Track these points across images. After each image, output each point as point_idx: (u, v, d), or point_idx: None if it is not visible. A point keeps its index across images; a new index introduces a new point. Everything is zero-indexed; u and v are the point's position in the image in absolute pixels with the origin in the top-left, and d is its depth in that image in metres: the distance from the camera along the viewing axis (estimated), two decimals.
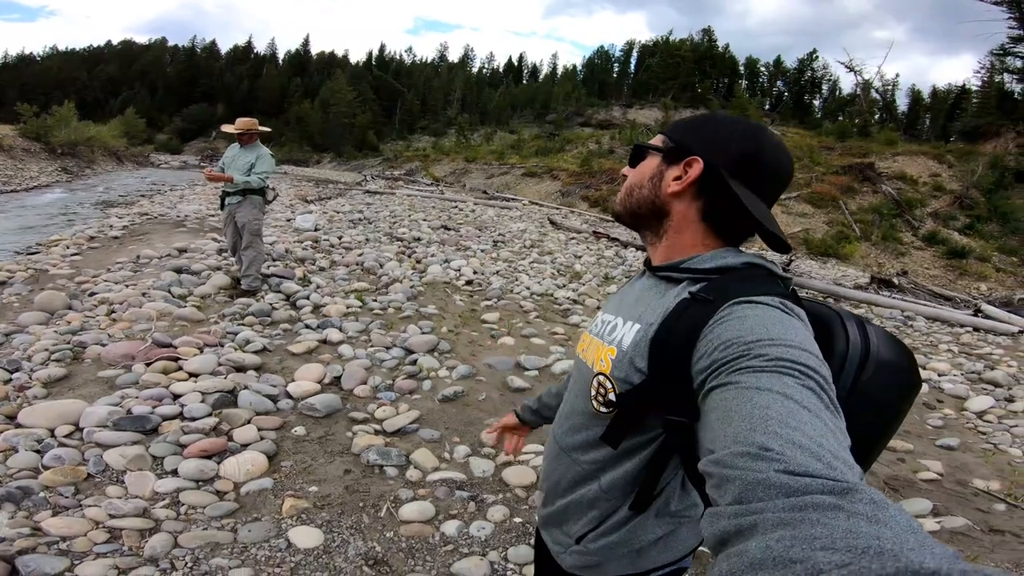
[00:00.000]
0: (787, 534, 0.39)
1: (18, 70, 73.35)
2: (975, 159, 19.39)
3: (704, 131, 0.82)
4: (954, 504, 2.96)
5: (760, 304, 0.66)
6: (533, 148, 31.78)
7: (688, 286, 0.76)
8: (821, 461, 0.46)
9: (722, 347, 0.62)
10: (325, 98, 57.35)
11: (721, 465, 0.50)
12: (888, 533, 0.37)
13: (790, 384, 0.55)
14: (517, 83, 75.82)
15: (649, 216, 0.85)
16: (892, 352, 0.74)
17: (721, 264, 0.76)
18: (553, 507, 0.92)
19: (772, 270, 0.76)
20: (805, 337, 0.63)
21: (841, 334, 0.74)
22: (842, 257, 14.31)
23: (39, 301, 4.39)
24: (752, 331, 0.62)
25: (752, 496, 0.45)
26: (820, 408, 0.53)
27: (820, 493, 0.42)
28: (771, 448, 0.48)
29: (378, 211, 12.49)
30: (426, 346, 4.30)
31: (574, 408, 0.88)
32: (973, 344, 6.60)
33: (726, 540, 0.44)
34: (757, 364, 0.58)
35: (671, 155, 0.82)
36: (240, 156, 5.28)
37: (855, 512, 0.39)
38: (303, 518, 2.34)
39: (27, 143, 20.71)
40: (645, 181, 0.84)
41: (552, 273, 7.71)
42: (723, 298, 0.69)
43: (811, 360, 0.58)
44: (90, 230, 8.15)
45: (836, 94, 54.36)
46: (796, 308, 0.68)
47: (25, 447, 2.53)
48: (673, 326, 0.71)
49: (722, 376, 0.59)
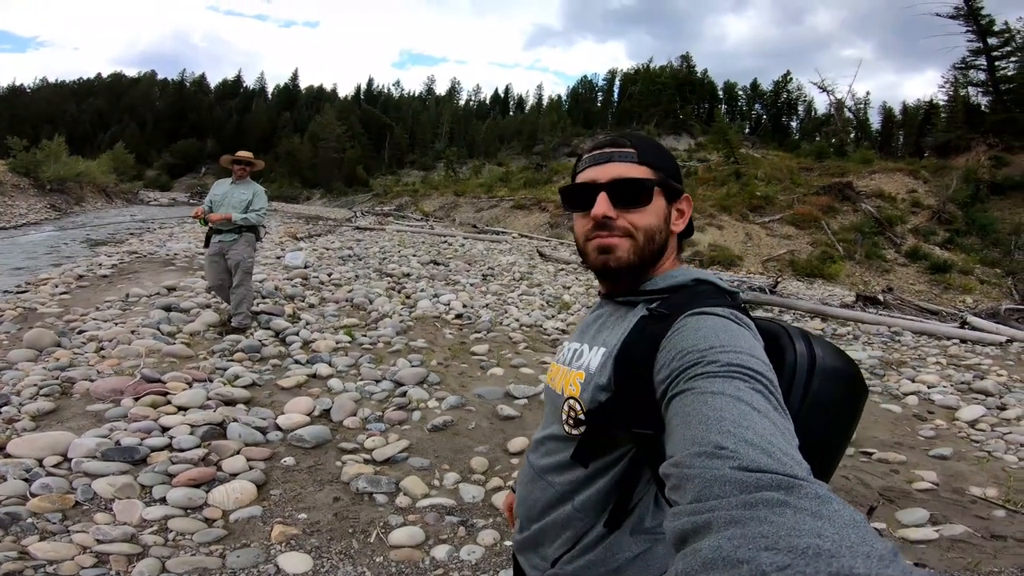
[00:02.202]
0: (737, 532, 0.41)
1: (8, 102, 73.05)
2: (949, 173, 19.93)
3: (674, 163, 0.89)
4: (952, 512, 2.97)
5: (712, 315, 0.72)
6: (521, 180, 32.21)
7: (646, 305, 0.82)
8: (772, 457, 0.49)
9: (679, 356, 0.67)
10: (314, 132, 58.08)
11: (680, 466, 0.53)
12: (830, 529, 0.39)
13: (741, 388, 0.58)
14: (504, 115, 77.42)
15: (654, 259, 0.86)
16: (837, 360, 0.80)
17: (672, 283, 0.83)
18: (529, 531, 0.91)
19: (719, 285, 0.83)
20: (754, 345, 0.68)
21: (789, 346, 0.79)
22: (827, 277, 14.55)
23: (28, 339, 4.39)
24: (706, 339, 0.66)
25: (709, 493, 0.47)
26: (769, 409, 0.57)
27: (770, 488, 0.45)
28: (726, 447, 0.51)
29: (368, 247, 12.59)
30: (416, 378, 4.32)
31: (548, 434, 0.92)
32: (961, 356, 6.68)
33: (685, 538, 0.46)
34: (711, 370, 0.61)
35: (671, 191, 0.86)
36: (234, 192, 5.12)
37: (800, 508, 0.42)
38: (292, 544, 2.34)
39: (16, 179, 20.40)
40: (662, 225, 0.85)
41: (541, 304, 7.78)
42: (677, 312, 0.75)
43: (760, 366, 0.63)
44: (79, 269, 8.16)
45: (812, 114, 55.97)
46: (745, 319, 0.74)
47: (14, 476, 2.53)
48: (633, 342, 0.77)
49: (680, 383, 0.63)
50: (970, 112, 27.38)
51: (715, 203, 18.88)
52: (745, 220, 17.93)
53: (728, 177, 22.57)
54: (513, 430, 3.66)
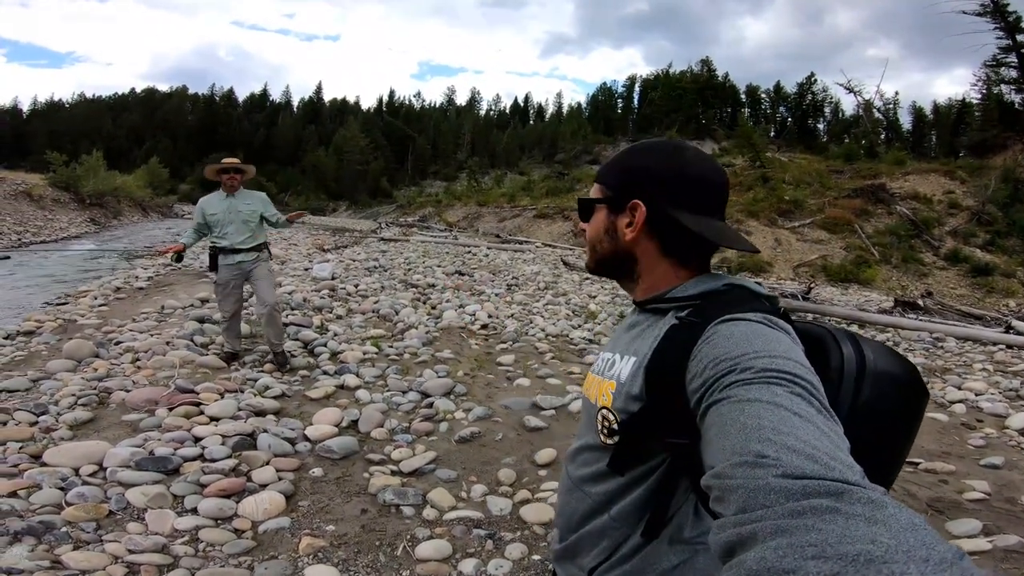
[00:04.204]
0: (783, 542, 0.39)
1: (47, 117, 75.78)
2: (987, 173, 19.17)
3: (632, 169, 0.84)
4: (1005, 522, 2.86)
5: (744, 320, 0.68)
6: (543, 189, 32.20)
7: (676, 313, 0.78)
8: (818, 463, 0.47)
9: (712, 364, 0.64)
10: (339, 145, 59.33)
11: (721, 477, 0.51)
12: (885, 534, 0.37)
13: (779, 393, 0.56)
14: (524, 124, 77.72)
15: (620, 265, 0.87)
16: (890, 363, 0.74)
17: (703, 289, 0.79)
18: (567, 542, 0.91)
19: (754, 290, 0.78)
20: (790, 347, 0.64)
21: (835, 350, 0.75)
22: (863, 282, 14.07)
23: (67, 349, 4.53)
24: (738, 346, 0.64)
25: (754, 503, 0.46)
26: (812, 413, 0.54)
27: (818, 495, 0.43)
28: (767, 455, 0.49)
29: (393, 258, 12.71)
30: (442, 389, 4.31)
31: (583, 444, 0.90)
32: (1008, 362, 6.40)
33: (731, 550, 0.45)
34: (746, 377, 0.59)
35: (615, 203, 0.85)
36: (238, 205, 4.50)
37: (852, 514, 0.40)
38: (320, 556, 2.33)
39: (57, 193, 21.04)
40: (602, 235, 0.87)
41: (567, 314, 7.70)
42: (708, 319, 0.71)
43: (797, 368, 0.60)
44: (116, 281, 8.43)
45: (839, 116, 54.67)
46: (781, 323, 0.70)
47: (49, 484, 2.58)
48: (665, 351, 0.74)
49: (715, 393, 0.61)
50: (1004, 110, 26.35)
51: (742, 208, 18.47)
52: (774, 225, 17.52)
53: (754, 182, 22.13)
54: (541, 441, 3.61)
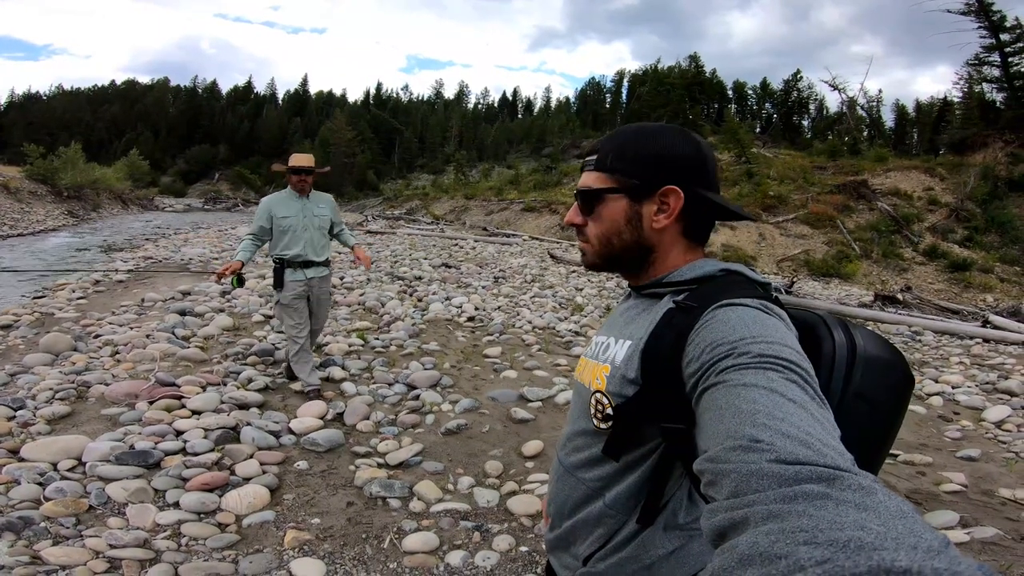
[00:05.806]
0: (775, 527, 0.40)
1: (25, 109, 74.01)
2: (966, 171, 19.55)
3: (660, 155, 0.80)
4: (982, 514, 2.92)
5: (741, 306, 0.68)
6: (531, 182, 32.12)
7: (672, 297, 0.78)
8: (811, 449, 0.47)
9: (708, 349, 0.64)
10: (325, 138, 58.45)
11: (714, 461, 0.51)
12: (874, 521, 0.37)
13: (774, 379, 0.56)
14: (512, 117, 77.39)
15: (636, 256, 0.84)
16: (880, 349, 0.75)
17: (700, 274, 0.79)
18: (560, 530, 0.90)
19: (750, 276, 0.79)
20: (786, 334, 0.64)
21: (827, 336, 0.75)
22: (844, 276, 14.30)
23: (44, 343, 4.43)
24: (735, 331, 0.64)
25: (746, 488, 0.46)
26: (806, 400, 0.54)
27: (810, 481, 0.43)
28: (761, 439, 0.49)
29: (379, 251, 12.60)
30: (429, 381, 4.29)
31: (576, 429, 0.89)
32: (984, 355, 6.57)
33: (722, 534, 0.45)
34: (742, 362, 0.59)
35: (638, 192, 0.81)
36: (311, 210, 3.94)
37: (843, 500, 0.40)
38: (305, 550, 2.32)
39: (34, 185, 20.67)
40: (622, 226, 0.82)
41: (554, 306, 7.72)
42: (706, 304, 0.71)
43: (793, 355, 0.60)
44: (95, 274, 8.25)
45: (823, 113, 55.25)
46: (777, 309, 0.70)
47: (27, 479, 2.53)
48: (661, 335, 0.74)
49: (711, 377, 0.61)
50: (985, 109, 26.79)
51: None
52: (758, 220, 17.72)
53: (740, 177, 22.32)
54: (527, 433, 3.62)
